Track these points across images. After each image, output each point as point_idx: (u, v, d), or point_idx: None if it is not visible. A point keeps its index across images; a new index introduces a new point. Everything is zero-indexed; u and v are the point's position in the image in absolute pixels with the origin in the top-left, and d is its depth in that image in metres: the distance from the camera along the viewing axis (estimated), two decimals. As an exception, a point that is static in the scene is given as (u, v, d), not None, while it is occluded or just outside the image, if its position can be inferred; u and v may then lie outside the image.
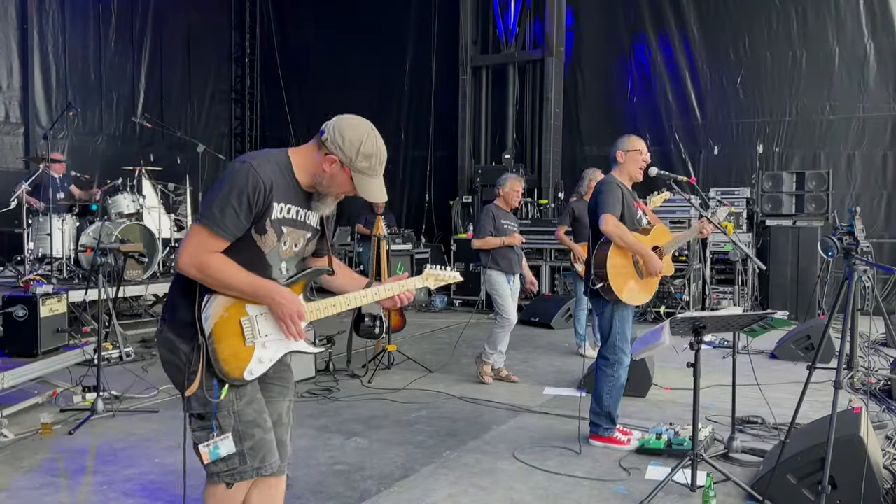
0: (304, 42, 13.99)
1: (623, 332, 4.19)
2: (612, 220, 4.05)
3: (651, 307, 9.31)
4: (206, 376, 2.21)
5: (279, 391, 2.48)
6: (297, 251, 2.39)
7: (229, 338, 2.23)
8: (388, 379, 6.06)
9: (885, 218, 9.74)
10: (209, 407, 2.24)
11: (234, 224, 2.18)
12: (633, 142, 4.32)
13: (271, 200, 2.21)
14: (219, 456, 2.25)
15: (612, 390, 4.22)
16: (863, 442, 3.10)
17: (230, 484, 2.29)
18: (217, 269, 2.18)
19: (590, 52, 11.58)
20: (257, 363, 2.28)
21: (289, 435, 2.51)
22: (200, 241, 2.18)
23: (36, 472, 3.85)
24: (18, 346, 4.86)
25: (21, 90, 10.28)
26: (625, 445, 4.21)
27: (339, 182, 2.28)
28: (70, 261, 7.36)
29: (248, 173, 2.17)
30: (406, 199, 13.14)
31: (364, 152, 2.24)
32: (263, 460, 2.31)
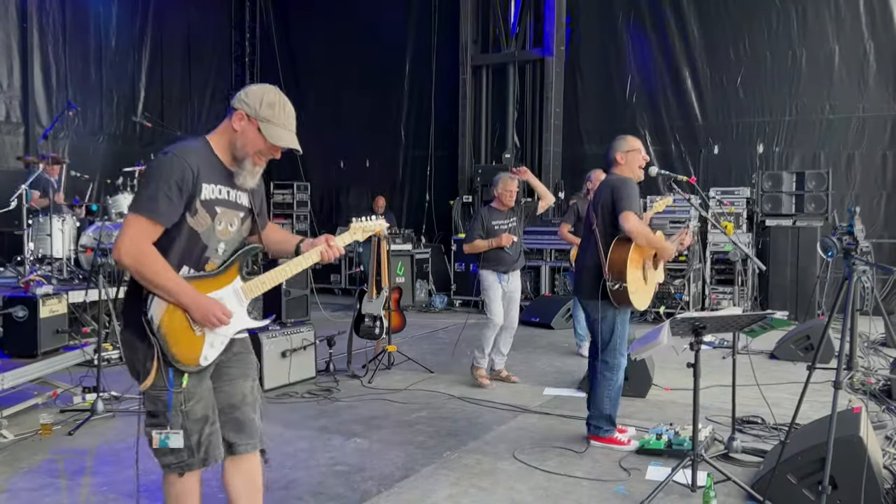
0: (304, 41, 13.98)
1: (624, 335, 4.19)
2: (634, 218, 3.98)
3: (651, 307, 9.31)
4: (163, 369, 2.35)
5: (238, 372, 2.59)
6: (233, 231, 2.51)
7: (179, 331, 2.35)
8: (389, 379, 6.06)
9: (885, 218, 9.73)
10: (159, 405, 2.39)
11: (168, 209, 2.30)
12: (630, 142, 4.30)
13: (199, 182, 2.35)
14: (167, 445, 2.39)
15: (612, 393, 4.22)
16: (863, 442, 3.10)
17: (181, 473, 2.45)
18: (151, 261, 2.29)
19: (590, 51, 11.58)
20: (209, 348, 2.43)
21: (257, 412, 2.62)
22: (139, 230, 2.28)
23: (36, 473, 3.85)
24: (18, 346, 4.85)
25: (21, 90, 10.27)
26: (625, 446, 4.21)
27: (251, 138, 2.41)
28: (70, 261, 7.35)
29: (173, 161, 2.32)
30: (406, 199, 13.14)
31: (267, 101, 2.40)
32: (208, 453, 2.45)
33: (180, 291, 2.32)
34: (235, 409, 2.56)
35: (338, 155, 13.58)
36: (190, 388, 2.41)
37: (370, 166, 13.45)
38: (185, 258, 2.40)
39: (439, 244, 12.01)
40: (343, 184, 13.79)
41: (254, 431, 2.59)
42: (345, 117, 13.48)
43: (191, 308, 2.34)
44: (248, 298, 2.53)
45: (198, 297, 2.36)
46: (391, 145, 13.26)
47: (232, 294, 2.49)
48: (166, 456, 2.42)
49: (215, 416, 2.49)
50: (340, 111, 13.52)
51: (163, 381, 2.36)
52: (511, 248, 5.88)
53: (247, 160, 2.44)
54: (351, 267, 11.71)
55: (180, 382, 2.38)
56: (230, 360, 2.56)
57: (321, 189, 13.79)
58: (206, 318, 2.36)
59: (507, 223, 5.95)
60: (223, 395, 2.55)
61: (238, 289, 2.51)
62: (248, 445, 2.58)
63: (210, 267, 2.47)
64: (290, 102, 2.48)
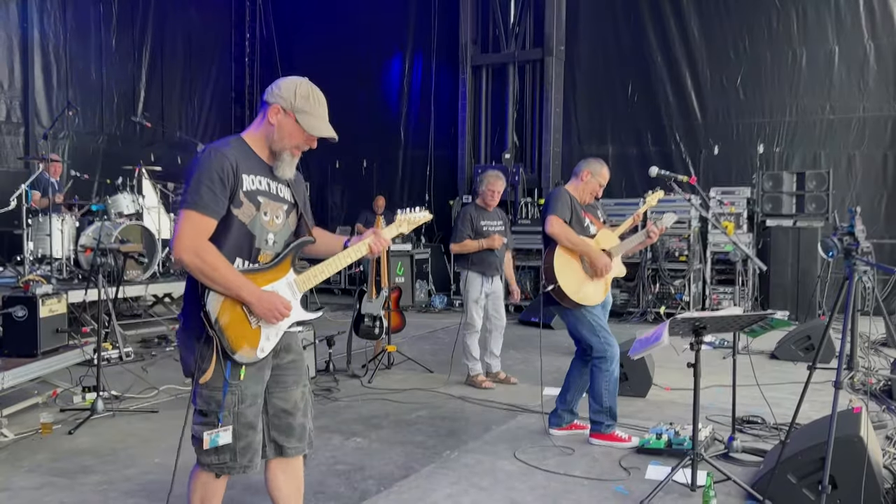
0: (303, 41, 13.99)
1: (602, 326, 4.25)
2: (558, 221, 4.18)
3: (651, 307, 9.32)
4: (221, 363, 2.37)
5: (293, 380, 2.62)
6: (279, 223, 2.53)
7: (236, 324, 2.38)
8: (388, 379, 6.06)
9: (886, 218, 9.73)
10: (212, 404, 2.41)
11: (214, 202, 2.33)
12: (604, 173, 4.45)
13: (240, 173, 2.38)
14: (217, 444, 2.39)
15: (609, 385, 4.25)
16: (863, 442, 3.10)
17: (218, 475, 2.48)
18: (211, 258, 2.31)
19: (590, 51, 11.58)
20: (266, 340, 2.44)
21: (307, 417, 2.67)
22: (192, 224, 2.32)
23: (36, 472, 3.85)
24: (18, 346, 4.85)
25: (21, 90, 10.28)
26: (626, 443, 4.22)
27: (288, 130, 2.45)
28: (70, 261, 7.36)
29: (211, 155, 2.37)
30: (406, 199, 13.13)
31: (301, 93, 2.44)
32: (251, 461, 2.49)
33: (241, 286, 2.35)
34: (288, 415, 2.60)
35: (336, 154, 13.58)
36: (245, 387, 2.43)
37: (370, 166, 13.45)
38: (238, 251, 2.43)
39: (439, 244, 12.01)
40: (343, 184, 13.78)
41: (303, 436, 2.65)
42: (345, 117, 13.43)
43: (253, 303, 2.37)
44: (302, 291, 2.55)
45: (259, 291, 2.39)
46: (391, 145, 13.26)
47: (286, 286, 2.50)
48: (209, 455, 2.43)
49: (260, 425, 2.52)
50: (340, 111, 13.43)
51: (219, 379, 2.38)
52: (500, 250, 5.83)
53: (285, 152, 2.48)
54: (351, 267, 11.71)
55: (238, 375, 2.40)
56: (286, 366, 2.60)
57: (321, 189, 13.79)
58: (270, 313, 2.39)
59: (496, 224, 5.90)
60: (278, 401, 2.58)
61: (292, 281, 2.52)
62: (297, 449, 2.63)
63: (263, 259, 2.49)
64: (320, 91, 2.51)
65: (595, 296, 4.27)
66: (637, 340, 3.91)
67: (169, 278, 8.15)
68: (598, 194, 4.49)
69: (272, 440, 2.58)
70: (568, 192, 4.39)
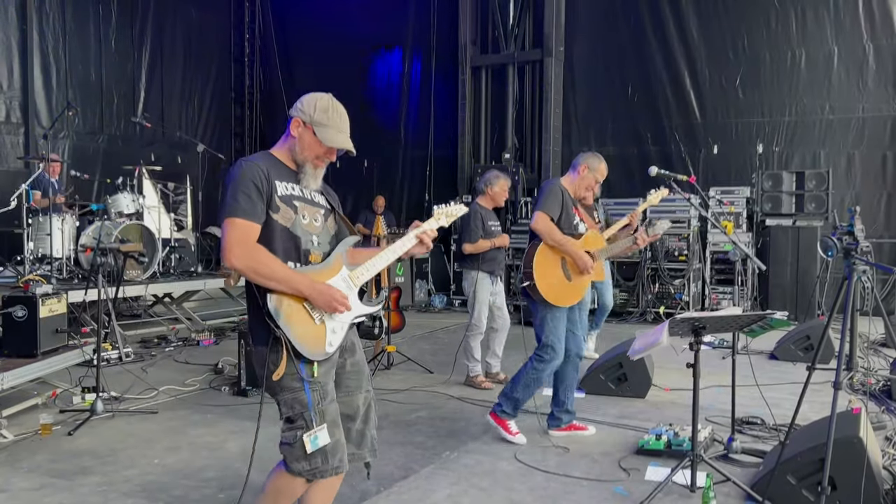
0: (303, 42, 13.99)
1: (557, 331, 4.24)
2: (544, 218, 4.16)
3: (651, 307, 9.32)
4: (294, 363, 2.39)
5: (356, 385, 2.65)
6: (319, 226, 2.59)
7: (301, 323, 2.41)
8: (388, 379, 6.06)
9: (885, 218, 9.74)
10: (297, 407, 2.42)
11: (252, 207, 2.39)
12: (601, 169, 4.40)
13: (273, 180, 2.46)
14: (318, 446, 2.40)
15: (531, 383, 4.28)
16: (862, 443, 3.10)
17: (310, 480, 2.46)
18: (262, 258, 2.37)
19: (589, 51, 11.58)
20: (332, 334, 2.48)
21: (369, 424, 2.68)
22: (238, 230, 2.37)
23: (35, 473, 3.85)
24: (18, 346, 4.85)
25: (21, 90, 10.27)
26: (511, 435, 4.32)
27: (308, 141, 2.54)
28: (70, 261, 7.35)
29: (243, 166, 2.45)
30: (406, 199, 13.14)
31: (320, 107, 2.53)
32: (341, 460, 2.48)
33: (298, 281, 2.40)
34: (349, 420, 2.61)
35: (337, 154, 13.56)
36: (324, 384, 2.46)
37: (370, 166, 13.45)
38: (288, 254, 2.48)
39: (439, 244, 12.01)
40: (342, 183, 13.77)
41: (364, 443, 2.66)
42: (344, 117, 13.44)
43: (311, 296, 2.41)
44: (357, 286, 2.60)
45: (316, 284, 2.43)
46: (391, 145, 13.26)
47: (342, 282, 2.55)
48: (300, 462, 2.42)
49: (341, 422, 2.53)
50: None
51: (297, 381, 2.40)
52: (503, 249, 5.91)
53: (307, 164, 2.56)
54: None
55: (312, 372, 2.43)
56: (350, 371, 2.64)
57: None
58: (329, 304, 2.43)
59: (498, 224, 5.97)
60: (341, 405, 2.58)
61: (346, 277, 2.57)
62: (357, 456, 2.63)
63: (314, 259, 2.55)
64: (342, 106, 2.59)
65: (569, 298, 4.27)
66: (636, 340, 3.91)
67: (169, 278, 8.16)
68: (595, 190, 4.46)
69: None
70: (562, 186, 4.34)
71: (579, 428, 4.50)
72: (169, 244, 8.40)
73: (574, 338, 4.39)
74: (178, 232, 8.87)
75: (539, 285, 4.15)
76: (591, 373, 5.59)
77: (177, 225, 8.89)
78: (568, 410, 4.51)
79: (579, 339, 4.43)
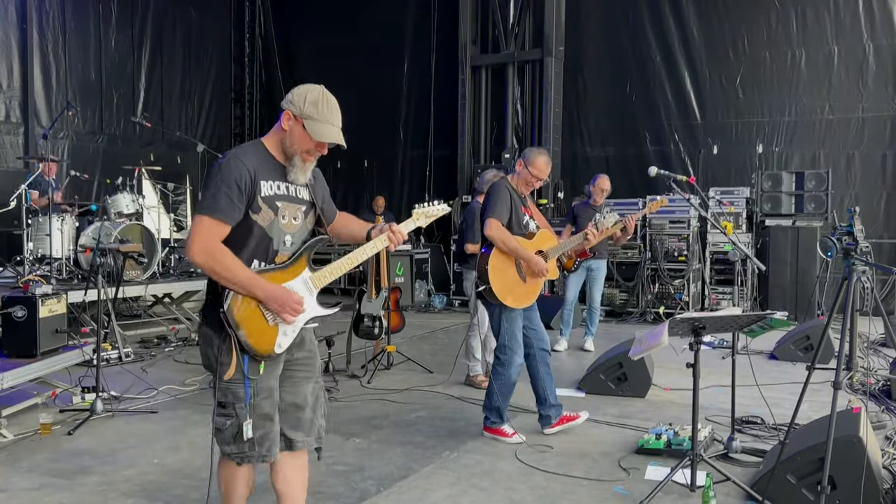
0: (303, 41, 13.99)
1: (512, 332, 4.29)
2: (496, 225, 4.19)
3: (650, 307, 9.32)
4: (239, 358, 2.47)
5: (304, 375, 2.71)
6: (298, 224, 2.62)
7: (254, 322, 2.47)
8: (388, 379, 6.06)
9: (885, 218, 9.74)
10: (230, 396, 2.50)
11: (229, 208, 2.42)
12: (539, 164, 4.36)
13: (258, 181, 2.48)
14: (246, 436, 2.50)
15: (503, 387, 4.36)
16: (862, 442, 3.10)
17: (239, 463, 2.59)
18: (221, 258, 2.41)
19: (590, 51, 11.58)
20: (283, 336, 2.54)
21: (317, 413, 2.74)
22: (206, 228, 2.42)
23: (35, 473, 3.85)
24: (17, 346, 4.85)
25: (21, 90, 10.28)
26: (509, 438, 4.35)
27: (298, 135, 2.53)
28: (69, 261, 7.35)
29: (231, 163, 2.45)
30: (406, 199, 13.14)
31: (310, 100, 2.52)
32: (269, 450, 2.57)
33: (253, 285, 2.44)
34: (299, 409, 2.69)
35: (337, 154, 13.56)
36: (261, 381, 2.53)
37: (369, 166, 13.46)
38: (256, 253, 2.53)
39: (438, 244, 12.01)
40: (342, 183, 13.78)
41: (312, 430, 2.72)
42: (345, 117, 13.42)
43: (266, 300, 2.46)
44: (318, 288, 2.64)
45: (271, 288, 2.47)
46: (390, 145, 13.26)
47: (302, 284, 2.59)
48: (229, 445, 2.53)
49: (277, 416, 2.60)
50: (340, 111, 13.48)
51: (239, 374, 2.48)
52: None
53: (296, 157, 2.56)
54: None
55: (257, 370, 2.50)
56: (299, 361, 2.69)
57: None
58: (282, 309, 2.48)
59: None
60: (289, 395, 2.66)
61: (307, 279, 2.61)
62: (305, 442, 2.70)
63: (280, 259, 2.58)
64: (334, 99, 2.58)
65: (524, 299, 4.33)
66: (636, 340, 3.91)
67: (168, 278, 8.15)
68: (535, 185, 4.46)
69: (282, 434, 2.64)
70: (508, 186, 4.37)
71: (571, 418, 4.55)
72: (169, 244, 8.39)
73: (535, 333, 4.44)
74: (178, 232, 8.87)
75: (494, 289, 4.20)
76: (591, 373, 5.59)
77: (176, 225, 8.89)
78: (553, 405, 4.54)
79: (540, 333, 4.47)
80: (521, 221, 4.35)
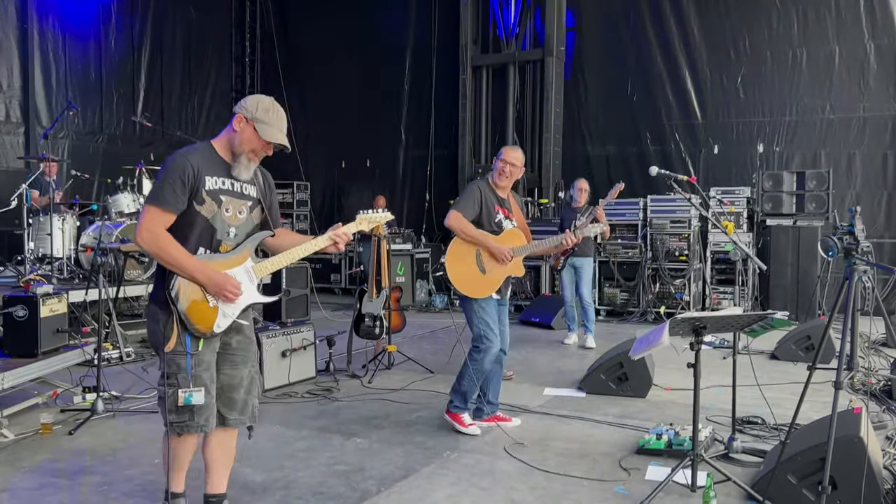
0: (304, 42, 13.99)
1: (485, 321, 4.45)
2: (456, 216, 4.42)
3: (651, 307, 9.32)
4: (181, 335, 2.77)
5: (241, 359, 2.99)
6: (242, 218, 2.92)
7: (196, 303, 2.79)
8: (389, 379, 6.06)
9: (886, 218, 9.74)
10: (174, 367, 2.79)
11: (173, 199, 2.73)
12: (508, 152, 4.58)
13: (202, 175, 2.78)
14: (191, 402, 2.77)
15: (476, 373, 4.44)
16: (863, 442, 3.10)
17: (179, 433, 2.83)
18: (166, 244, 2.72)
19: (590, 51, 11.58)
20: (222, 317, 2.84)
21: (251, 394, 3.03)
22: (152, 217, 2.74)
23: (36, 473, 3.85)
24: (18, 346, 4.84)
25: (21, 90, 10.28)
26: (464, 427, 4.47)
27: (247, 136, 2.84)
28: (70, 261, 7.35)
29: (177, 159, 2.78)
30: (406, 199, 13.14)
31: (262, 107, 2.86)
32: (207, 420, 2.84)
33: (194, 269, 2.75)
34: (234, 390, 2.97)
35: (338, 154, 13.59)
36: (202, 354, 2.81)
37: (370, 166, 13.46)
38: (201, 241, 2.82)
39: (439, 244, 11.99)
40: (343, 183, 13.79)
41: (245, 410, 3.00)
42: (345, 117, 13.49)
43: (205, 283, 2.77)
44: (259, 277, 2.94)
45: (211, 273, 2.78)
46: (391, 145, 13.26)
47: (243, 272, 2.89)
48: (172, 414, 2.79)
49: (213, 391, 2.88)
50: (340, 111, 13.52)
51: (182, 346, 2.77)
52: None
53: (242, 156, 2.87)
54: (351, 267, 11.71)
55: (197, 346, 2.80)
56: (236, 346, 2.97)
57: (321, 189, 13.79)
58: (219, 292, 2.78)
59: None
60: (226, 377, 2.95)
61: (250, 268, 2.91)
62: (238, 421, 2.99)
63: (224, 248, 2.87)
64: (282, 109, 2.92)
65: (482, 289, 4.45)
66: (637, 340, 3.91)
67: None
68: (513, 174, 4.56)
69: (217, 412, 2.92)
70: (481, 187, 4.54)
71: (503, 419, 4.67)
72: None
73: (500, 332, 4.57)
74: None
75: (450, 276, 4.43)
76: (591, 372, 5.59)
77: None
78: (490, 402, 4.67)
79: (504, 335, 4.61)
80: (493, 220, 4.51)
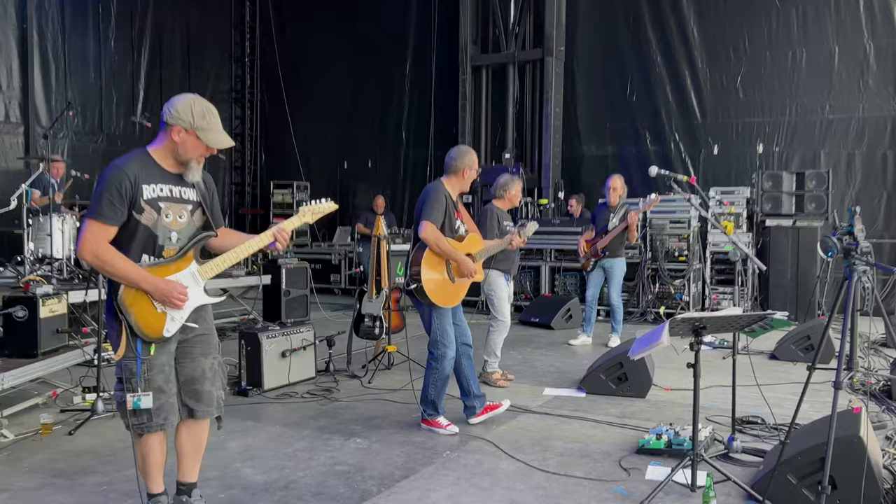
0: (304, 42, 13.98)
1: (443, 328, 4.52)
2: (431, 228, 4.42)
3: (651, 307, 9.32)
4: (132, 342, 2.82)
5: (200, 351, 3.04)
6: (183, 222, 2.95)
7: (144, 310, 2.83)
8: (388, 379, 6.06)
9: (885, 218, 9.74)
10: (126, 372, 2.86)
11: (112, 211, 2.76)
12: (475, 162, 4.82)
13: (139, 185, 2.80)
14: (139, 406, 2.82)
15: (437, 381, 4.55)
16: (863, 442, 3.10)
17: (140, 434, 2.91)
18: (109, 257, 2.76)
19: (590, 51, 11.58)
20: (171, 322, 2.89)
21: (216, 385, 3.07)
22: (92, 231, 2.76)
23: (36, 473, 3.85)
24: (18, 346, 4.84)
25: (21, 90, 10.28)
26: (444, 429, 4.53)
27: (191, 144, 2.86)
28: (70, 261, 7.34)
29: (113, 172, 2.79)
30: (406, 199, 13.14)
31: (197, 113, 2.83)
32: (166, 419, 2.92)
33: (140, 279, 2.79)
34: (196, 382, 3.02)
35: (338, 155, 13.60)
36: (153, 359, 2.87)
37: (371, 166, 13.46)
38: (144, 249, 2.86)
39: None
40: (343, 183, 13.78)
41: (211, 401, 3.05)
42: (345, 117, 13.49)
43: (150, 291, 2.81)
44: (205, 279, 2.98)
45: (156, 281, 2.82)
46: (391, 145, 13.27)
47: (189, 276, 2.94)
48: (129, 418, 2.85)
49: (171, 389, 2.94)
50: (340, 111, 13.53)
51: (132, 352, 2.83)
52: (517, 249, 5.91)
53: (192, 161, 2.91)
54: (351, 267, 11.70)
55: (148, 351, 2.86)
56: (193, 340, 3.01)
57: (321, 189, 13.77)
58: (165, 298, 2.82)
59: (512, 223, 6.03)
60: (186, 370, 3.01)
61: (195, 271, 2.96)
62: (205, 412, 3.04)
63: (167, 254, 2.90)
64: (211, 104, 2.90)
65: (453, 298, 4.56)
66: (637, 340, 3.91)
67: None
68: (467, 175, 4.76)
69: (184, 404, 3.00)
70: (444, 190, 4.59)
71: (494, 407, 4.78)
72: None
73: (458, 328, 4.65)
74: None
75: (426, 288, 4.42)
76: (591, 373, 5.59)
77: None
78: (476, 395, 4.73)
79: (463, 329, 4.68)
80: (454, 226, 4.60)
